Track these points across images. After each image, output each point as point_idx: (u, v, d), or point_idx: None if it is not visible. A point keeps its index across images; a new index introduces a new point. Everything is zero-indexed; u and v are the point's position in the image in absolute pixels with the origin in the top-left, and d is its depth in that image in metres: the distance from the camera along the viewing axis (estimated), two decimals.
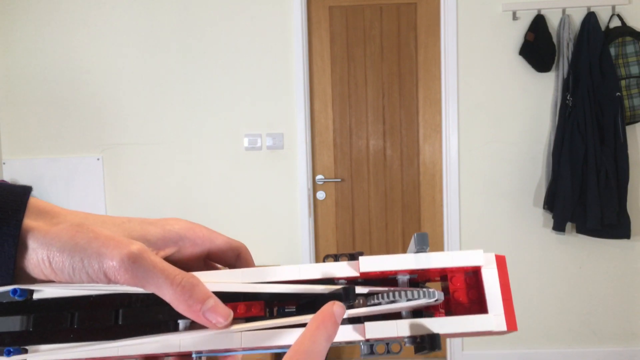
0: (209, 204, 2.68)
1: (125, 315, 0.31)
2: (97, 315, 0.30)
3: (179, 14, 2.64)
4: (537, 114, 2.57)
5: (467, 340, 2.66)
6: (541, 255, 2.61)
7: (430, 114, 2.67)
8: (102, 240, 0.28)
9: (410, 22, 2.65)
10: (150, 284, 0.28)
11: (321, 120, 2.70)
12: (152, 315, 0.31)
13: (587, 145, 2.38)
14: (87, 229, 0.29)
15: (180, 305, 0.28)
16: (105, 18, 2.67)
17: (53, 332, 0.30)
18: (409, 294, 0.29)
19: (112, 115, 2.69)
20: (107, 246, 0.28)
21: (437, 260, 0.31)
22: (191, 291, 0.28)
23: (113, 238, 0.28)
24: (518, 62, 2.55)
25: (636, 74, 2.39)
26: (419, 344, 0.30)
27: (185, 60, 2.65)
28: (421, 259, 0.30)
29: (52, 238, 0.28)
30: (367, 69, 2.68)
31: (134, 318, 0.31)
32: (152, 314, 0.31)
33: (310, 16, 2.66)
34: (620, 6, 2.49)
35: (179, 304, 0.28)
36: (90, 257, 0.28)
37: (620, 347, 2.61)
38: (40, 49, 2.70)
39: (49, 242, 0.28)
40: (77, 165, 2.70)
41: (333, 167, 2.71)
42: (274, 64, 2.63)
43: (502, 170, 2.60)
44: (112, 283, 0.28)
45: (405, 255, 0.31)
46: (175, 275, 0.28)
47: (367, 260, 0.30)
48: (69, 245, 0.28)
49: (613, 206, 2.35)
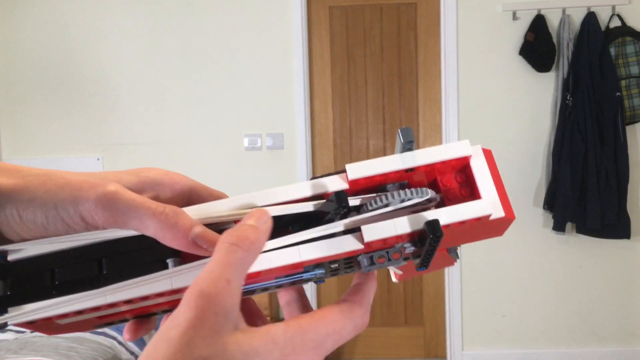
0: None
1: (110, 263, 0.28)
2: (79, 268, 0.28)
3: (179, 14, 2.64)
4: (537, 114, 2.57)
5: (467, 340, 2.66)
6: (541, 255, 2.61)
7: (430, 114, 2.67)
8: (75, 184, 0.26)
9: (410, 22, 2.65)
10: (131, 218, 0.26)
11: (321, 120, 2.70)
12: (137, 259, 0.29)
13: (587, 145, 2.38)
14: (56, 175, 0.27)
15: (167, 234, 0.26)
16: (105, 18, 2.67)
17: (34, 292, 0.28)
18: (402, 194, 0.28)
19: (112, 115, 2.70)
20: (81, 189, 0.26)
21: (424, 156, 0.29)
22: (176, 219, 0.26)
23: (86, 180, 0.27)
24: (518, 62, 2.55)
25: (636, 74, 2.39)
26: (420, 241, 0.28)
27: (186, 60, 2.65)
28: (407, 157, 0.29)
29: (19, 192, 0.26)
30: (367, 69, 2.68)
31: (119, 264, 0.28)
32: (138, 258, 0.29)
33: (310, 16, 2.66)
34: (620, 6, 2.49)
35: (165, 233, 0.26)
36: (64, 201, 0.26)
37: (620, 347, 2.61)
38: (41, 48, 2.70)
39: (16, 196, 0.26)
40: (77, 165, 2.70)
41: (333, 167, 2.71)
42: (274, 64, 2.63)
43: (502, 170, 2.57)
44: (90, 228, 0.27)
45: (391, 156, 0.29)
46: (157, 205, 0.27)
47: (354, 167, 0.29)
48: (39, 194, 0.26)
49: (613, 206, 2.36)
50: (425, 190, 0.29)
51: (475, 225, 0.29)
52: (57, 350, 1.45)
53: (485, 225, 0.30)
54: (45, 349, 1.46)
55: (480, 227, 0.30)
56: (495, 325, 2.65)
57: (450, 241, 0.32)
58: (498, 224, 0.31)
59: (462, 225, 0.29)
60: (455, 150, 0.29)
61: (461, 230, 0.30)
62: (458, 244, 0.33)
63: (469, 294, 2.65)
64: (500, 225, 0.31)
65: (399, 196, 0.28)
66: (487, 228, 0.31)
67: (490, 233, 0.33)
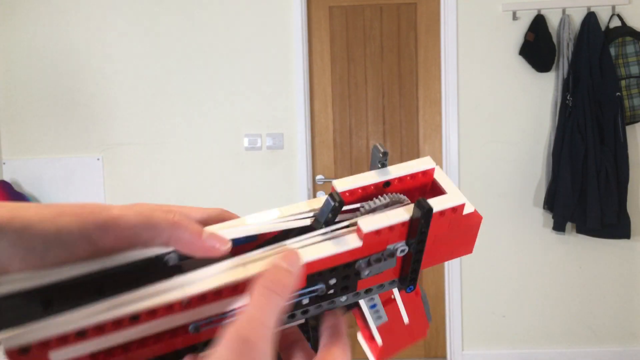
0: (209, 204, 2.67)
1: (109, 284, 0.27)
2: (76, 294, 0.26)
3: (179, 14, 2.64)
4: (537, 114, 2.57)
5: (467, 340, 2.66)
6: (541, 255, 2.61)
7: (430, 114, 2.67)
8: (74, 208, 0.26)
9: (410, 22, 2.65)
10: (144, 230, 0.26)
11: (321, 120, 2.70)
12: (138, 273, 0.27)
13: (587, 145, 2.38)
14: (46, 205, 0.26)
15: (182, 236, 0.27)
16: (105, 18, 2.67)
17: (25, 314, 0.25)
18: (382, 199, 0.32)
19: (112, 115, 2.69)
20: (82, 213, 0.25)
21: (396, 170, 0.34)
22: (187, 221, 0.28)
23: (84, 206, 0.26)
24: (518, 62, 2.55)
25: (636, 74, 2.39)
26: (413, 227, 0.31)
27: (186, 60, 2.65)
28: (382, 172, 0.34)
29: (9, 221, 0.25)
30: (367, 69, 2.68)
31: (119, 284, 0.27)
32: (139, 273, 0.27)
33: (310, 16, 2.66)
34: (620, 6, 2.49)
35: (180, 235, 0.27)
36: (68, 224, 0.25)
37: (620, 347, 2.61)
38: (41, 48, 2.70)
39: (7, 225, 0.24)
40: (77, 165, 2.70)
41: (333, 167, 2.71)
42: (274, 64, 2.63)
43: (502, 170, 2.60)
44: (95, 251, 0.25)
45: (369, 172, 0.34)
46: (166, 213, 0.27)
47: (339, 181, 0.33)
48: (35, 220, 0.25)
49: (613, 206, 2.36)
50: (403, 197, 0.33)
51: (450, 224, 0.33)
52: None
53: (457, 231, 0.34)
54: None
55: (452, 233, 0.34)
56: (495, 325, 2.65)
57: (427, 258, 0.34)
58: (468, 230, 0.35)
59: (441, 219, 0.32)
60: (421, 165, 0.35)
61: (436, 236, 0.33)
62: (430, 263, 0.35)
63: (469, 294, 2.65)
64: (469, 232, 0.35)
65: (380, 200, 0.32)
66: (458, 236, 0.35)
67: (460, 246, 0.36)
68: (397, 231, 0.31)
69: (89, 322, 0.24)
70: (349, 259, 0.30)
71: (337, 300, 0.32)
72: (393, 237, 0.31)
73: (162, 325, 0.26)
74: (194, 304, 0.27)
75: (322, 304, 0.32)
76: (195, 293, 0.26)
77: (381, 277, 0.33)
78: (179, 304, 0.26)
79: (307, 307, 0.31)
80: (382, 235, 0.30)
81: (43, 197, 2.71)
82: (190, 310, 0.27)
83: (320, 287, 0.31)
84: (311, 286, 0.30)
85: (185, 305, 0.27)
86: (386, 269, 0.32)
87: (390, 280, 0.34)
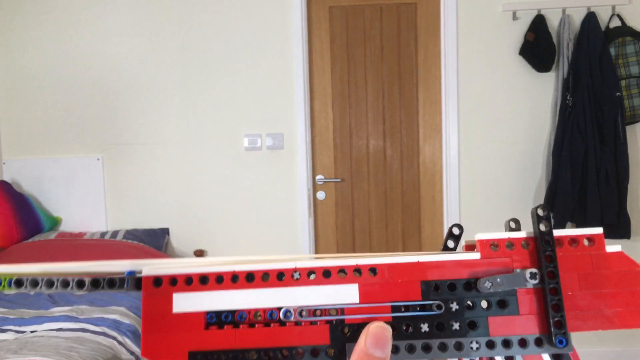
0: (209, 204, 2.68)
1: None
2: None
3: (179, 14, 2.64)
4: (537, 114, 2.57)
5: None
6: None
7: (430, 114, 2.67)
8: None
9: (410, 22, 2.65)
10: None
11: (321, 120, 2.70)
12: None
13: (587, 145, 2.38)
14: None
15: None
16: (105, 18, 2.67)
17: None
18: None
19: (112, 115, 2.70)
20: None
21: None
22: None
23: None
24: (518, 62, 2.55)
25: (636, 74, 2.39)
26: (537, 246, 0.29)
27: (185, 60, 2.65)
28: None
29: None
30: (367, 69, 2.68)
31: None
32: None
33: (310, 16, 2.66)
34: (620, 6, 2.49)
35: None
36: None
37: (620, 347, 2.61)
38: (41, 49, 2.70)
39: None
40: (77, 165, 2.70)
41: (333, 167, 2.71)
42: (274, 64, 2.63)
43: (502, 170, 2.60)
44: None
45: None
46: None
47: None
48: None
49: (613, 206, 2.36)
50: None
51: (592, 262, 0.28)
52: (57, 350, 1.45)
53: (612, 279, 0.28)
54: (45, 349, 1.45)
55: (606, 282, 0.27)
56: None
57: (578, 309, 0.27)
58: (628, 281, 0.28)
59: (576, 250, 0.28)
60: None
61: (580, 276, 0.27)
62: (590, 325, 0.27)
63: None
64: (631, 283, 0.28)
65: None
66: (618, 290, 0.28)
67: (630, 306, 0.28)
68: (519, 251, 0.28)
69: (211, 270, 0.27)
70: (467, 275, 0.27)
71: (466, 343, 0.27)
72: (517, 259, 0.28)
73: (271, 298, 0.27)
74: (302, 281, 0.27)
75: (447, 343, 0.27)
76: (305, 266, 0.27)
77: (521, 328, 0.27)
78: (290, 276, 0.27)
79: (428, 338, 0.27)
80: (501, 250, 0.28)
81: (43, 197, 2.71)
82: (298, 286, 0.28)
83: (437, 303, 0.27)
84: (426, 299, 0.27)
85: (296, 281, 0.27)
86: (513, 287, 0.27)
87: (535, 335, 0.27)
